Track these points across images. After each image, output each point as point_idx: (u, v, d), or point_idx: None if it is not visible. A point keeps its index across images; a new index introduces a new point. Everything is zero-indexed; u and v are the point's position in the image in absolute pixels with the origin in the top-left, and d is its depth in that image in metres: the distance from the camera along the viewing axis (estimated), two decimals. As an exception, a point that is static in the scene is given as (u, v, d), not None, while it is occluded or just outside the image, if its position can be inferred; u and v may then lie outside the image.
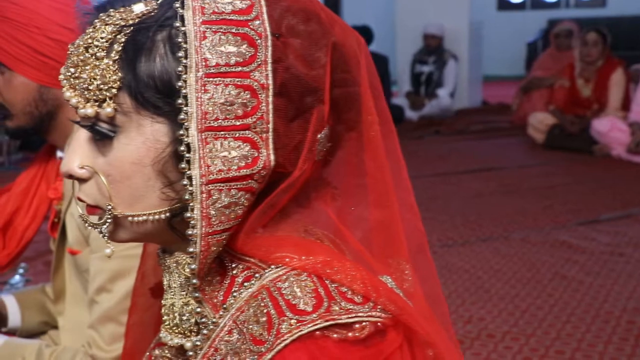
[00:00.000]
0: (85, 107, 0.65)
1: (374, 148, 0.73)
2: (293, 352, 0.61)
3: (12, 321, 1.56)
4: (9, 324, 1.55)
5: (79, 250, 1.38)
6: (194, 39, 0.63)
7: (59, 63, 1.33)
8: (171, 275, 0.73)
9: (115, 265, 1.29)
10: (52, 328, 1.62)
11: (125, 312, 1.28)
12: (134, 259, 1.29)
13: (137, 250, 1.28)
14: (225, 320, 0.66)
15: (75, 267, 1.43)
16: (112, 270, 1.29)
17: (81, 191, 0.70)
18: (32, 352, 1.35)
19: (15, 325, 1.56)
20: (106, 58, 0.65)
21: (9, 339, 1.40)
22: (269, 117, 0.65)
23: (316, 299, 0.63)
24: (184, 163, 0.63)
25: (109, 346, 1.30)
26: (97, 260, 1.31)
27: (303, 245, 0.68)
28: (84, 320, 1.47)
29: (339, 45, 0.69)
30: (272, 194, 0.68)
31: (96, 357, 1.30)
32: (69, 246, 1.40)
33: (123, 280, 1.29)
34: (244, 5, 0.65)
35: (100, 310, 1.30)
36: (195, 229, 0.64)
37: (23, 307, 1.58)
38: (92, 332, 1.31)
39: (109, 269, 1.30)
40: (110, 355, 1.30)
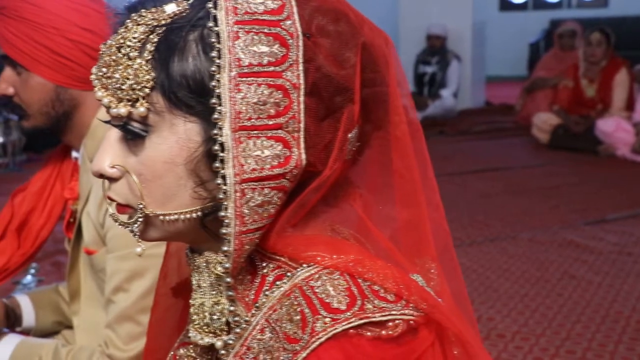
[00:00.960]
0: (117, 107, 0.66)
1: (402, 147, 0.74)
2: (328, 350, 0.61)
3: (27, 321, 1.56)
4: (23, 324, 1.55)
5: (95, 250, 1.38)
6: (227, 38, 0.63)
7: (76, 64, 1.34)
8: (201, 275, 0.73)
9: (132, 265, 1.30)
10: (65, 328, 1.63)
11: (142, 312, 1.29)
12: (151, 258, 1.30)
13: (154, 250, 1.28)
14: (258, 318, 0.67)
15: (91, 267, 1.43)
16: (129, 270, 1.30)
17: (112, 190, 0.71)
18: (48, 351, 1.35)
19: (30, 325, 1.56)
20: (139, 58, 0.65)
21: (25, 338, 1.40)
22: (301, 117, 0.65)
23: (349, 298, 0.63)
24: (217, 162, 0.64)
25: (126, 345, 1.30)
26: (114, 260, 1.31)
27: (333, 244, 0.68)
28: (98, 320, 1.48)
29: (368, 45, 0.69)
30: (303, 193, 0.68)
31: (113, 357, 1.30)
32: (85, 246, 1.41)
33: (140, 280, 1.30)
34: (276, 5, 0.65)
35: (117, 309, 1.30)
36: (229, 227, 0.64)
37: (37, 307, 1.59)
38: (109, 332, 1.31)
39: (126, 269, 1.30)
40: (128, 354, 1.30)
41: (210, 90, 0.64)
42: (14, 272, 1.53)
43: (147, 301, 1.30)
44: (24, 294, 1.60)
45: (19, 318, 1.55)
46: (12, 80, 1.39)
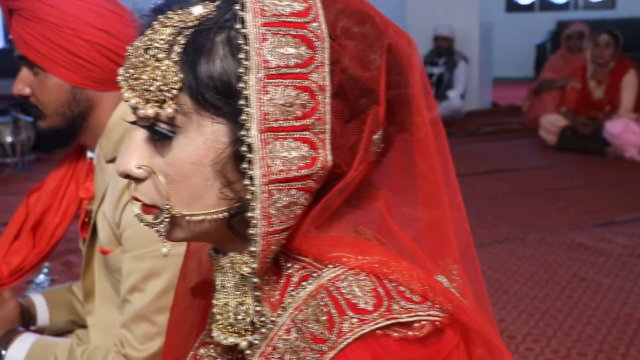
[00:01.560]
0: (145, 108, 0.66)
1: (425, 148, 0.74)
2: (355, 351, 0.61)
3: (41, 320, 1.57)
4: (37, 323, 1.56)
5: (111, 250, 1.39)
6: (254, 40, 0.63)
7: (92, 64, 1.34)
8: (225, 275, 0.73)
9: (148, 265, 1.30)
10: (79, 327, 1.63)
11: (158, 312, 1.30)
12: (168, 259, 1.30)
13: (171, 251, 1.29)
14: (284, 319, 0.67)
15: (106, 267, 1.44)
16: (145, 270, 1.30)
17: (137, 191, 0.71)
18: (63, 350, 1.36)
19: (44, 324, 1.57)
20: (166, 59, 0.65)
21: (40, 337, 1.41)
22: (327, 118, 0.66)
23: (376, 298, 0.63)
24: (245, 163, 0.64)
25: (142, 345, 1.31)
26: (129, 260, 1.32)
27: (358, 245, 0.69)
28: (112, 320, 1.48)
29: (393, 48, 0.70)
30: (329, 195, 0.68)
31: (129, 356, 1.30)
32: (100, 245, 1.41)
33: (156, 279, 1.30)
34: (302, 7, 0.65)
35: (133, 309, 1.31)
36: (256, 228, 0.65)
37: (51, 306, 1.59)
38: (125, 332, 1.32)
39: (142, 269, 1.30)
40: (143, 354, 1.30)
41: (237, 92, 0.64)
42: (29, 271, 1.54)
43: (163, 301, 1.30)
44: (38, 293, 1.61)
45: (34, 317, 1.56)
46: (28, 81, 1.39)
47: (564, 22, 9.27)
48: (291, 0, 0.65)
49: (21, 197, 4.33)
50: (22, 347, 1.38)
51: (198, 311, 0.94)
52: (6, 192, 4.52)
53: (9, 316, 1.47)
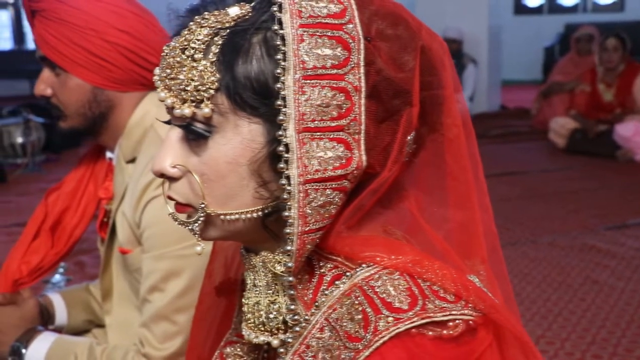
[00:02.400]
0: (182, 108, 0.67)
1: (457, 150, 0.74)
2: (391, 349, 0.62)
3: (59, 319, 1.58)
4: (55, 322, 1.57)
5: (130, 250, 1.39)
6: (292, 41, 0.64)
7: (113, 65, 1.35)
8: (256, 274, 0.74)
9: (168, 264, 1.30)
10: (96, 326, 1.64)
11: (177, 311, 1.30)
12: (187, 258, 1.31)
13: (191, 251, 1.30)
14: (317, 317, 0.67)
15: (125, 267, 1.44)
16: (165, 270, 1.31)
17: (172, 190, 0.72)
18: (83, 349, 1.37)
19: (62, 323, 1.58)
20: (204, 60, 0.66)
21: (60, 336, 1.42)
22: (362, 119, 0.66)
23: (410, 297, 0.64)
24: (282, 163, 0.64)
25: (162, 344, 1.31)
26: (149, 259, 1.32)
27: (390, 245, 0.69)
28: (130, 319, 1.49)
29: (427, 49, 0.70)
30: (362, 195, 0.69)
31: (149, 356, 1.31)
32: (119, 245, 1.42)
33: (176, 279, 1.31)
34: (338, 9, 0.66)
35: (152, 309, 1.31)
36: (292, 227, 0.65)
37: (69, 306, 1.60)
38: (145, 331, 1.32)
39: (162, 269, 1.31)
40: (163, 353, 1.31)
41: (273, 92, 0.65)
42: (47, 270, 1.55)
43: (182, 301, 1.31)
44: (56, 293, 1.62)
45: (52, 316, 1.57)
46: (50, 82, 1.40)
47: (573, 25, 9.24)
48: (327, 2, 0.66)
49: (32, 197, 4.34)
50: (42, 345, 1.39)
51: (221, 310, 0.95)
52: (17, 193, 4.54)
53: (29, 315, 1.48)
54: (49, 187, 4.56)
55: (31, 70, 10.41)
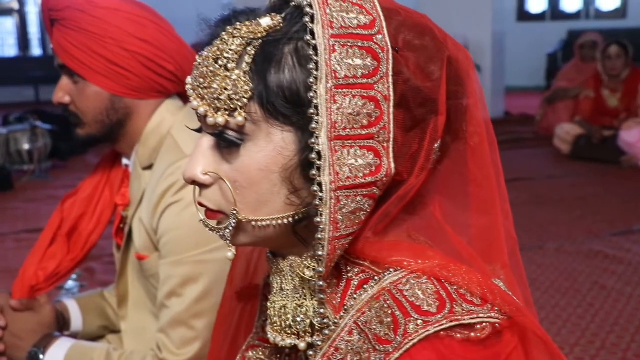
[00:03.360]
0: (215, 116, 0.68)
1: (480, 157, 0.76)
2: (420, 352, 0.63)
3: (74, 325, 1.59)
4: (71, 328, 1.58)
5: (147, 256, 1.40)
6: (324, 51, 0.65)
7: (132, 73, 1.37)
8: (284, 278, 0.75)
9: (186, 270, 1.32)
10: (110, 332, 1.65)
11: (195, 317, 1.31)
12: (205, 264, 1.32)
13: (209, 256, 1.32)
14: (346, 320, 0.69)
15: (140, 272, 1.45)
16: (183, 276, 1.32)
17: (203, 197, 0.73)
18: (100, 355, 1.38)
19: (77, 329, 1.59)
20: (237, 69, 0.67)
21: (77, 342, 1.43)
22: (390, 127, 0.68)
23: (439, 301, 0.65)
24: (314, 170, 0.66)
25: (179, 350, 1.32)
26: (167, 265, 1.34)
27: (416, 250, 0.71)
28: (145, 325, 1.50)
29: (453, 60, 0.72)
30: (390, 201, 0.70)
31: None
32: (136, 251, 1.43)
33: (194, 285, 1.32)
34: (367, 20, 0.68)
35: (170, 314, 1.32)
36: (324, 233, 0.67)
37: (84, 312, 1.61)
38: (162, 336, 1.33)
39: (180, 274, 1.32)
40: (180, 358, 1.32)
41: (305, 101, 0.66)
42: (64, 276, 1.56)
43: (200, 306, 1.32)
44: (71, 299, 1.63)
45: (67, 322, 1.58)
46: (68, 89, 1.42)
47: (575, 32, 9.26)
48: (357, 13, 0.68)
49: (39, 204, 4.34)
50: (59, 351, 1.40)
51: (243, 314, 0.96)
52: (24, 199, 4.56)
53: (46, 321, 1.49)
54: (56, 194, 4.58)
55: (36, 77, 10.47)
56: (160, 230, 1.34)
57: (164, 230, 1.34)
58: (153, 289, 1.43)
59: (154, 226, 1.36)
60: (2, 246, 3.51)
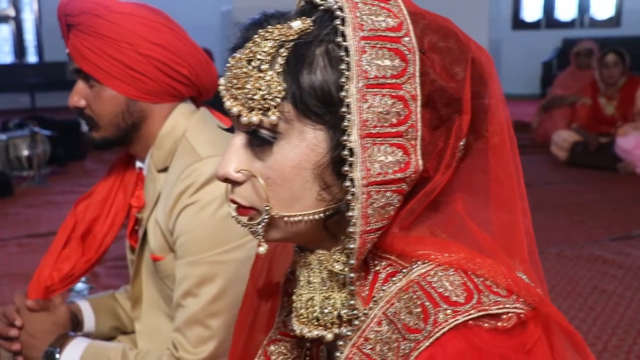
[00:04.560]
0: (249, 116, 0.71)
1: (502, 156, 0.79)
2: (450, 340, 0.66)
3: (87, 326, 1.61)
4: (84, 328, 1.60)
5: (162, 257, 1.42)
6: (354, 53, 0.68)
7: (147, 77, 1.39)
8: (311, 271, 0.78)
9: (202, 270, 1.34)
10: (121, 333, 1.67)
11: (211, 316, 1.34)
12: (221, 264, 1.35)
13: (225, 257, 1.34)
14: (375, 311, 0.72)
15: (155, 273, 1.47)
16: (199, 276, 1.34)
17: (235, 194, 0.76)
18: (117, 354, 1.40)
19: (90, 330, 1.60)
20: (270, 70, 0.70)
21: (92, 342, 1.45)
22: (418, 126, 0.71)
23: (466, 292, 0.68)
24: (346, 166, 0.69)
25: (195, 349, 1.34)
26: (183, 265, 1.36)
27: (442, 244, 0.73)
28: (159, 326, 1.52)
29: (476, 61, 0.75)
30: (417, 197, 0.73)
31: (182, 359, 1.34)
32: (151, 252, 1.45)
33: (210, 285, 1.34)
34: (395, 23, 0.71)
35: (186, 314, 1.34)
36: (355, 227, 0.70)
37: (97, 313, 1.63)
38: (178, 335, 1.35)
39: (196, 274, 1.34)
40: (196, 357, 1.34)
41: (336, 100, 0.69)
42: (78, 278, 1.58)
43: (216, 306, 1.34)
44: (84, 300, 1.65)
45: (80, 323, 1.59)
46: (84, 93, 1.44)
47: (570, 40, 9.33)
48: (386, 16, 0.71)
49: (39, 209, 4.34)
50: (75, 350, 1.42)
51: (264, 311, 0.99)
52: (24, 205, 4.57)
53: (61, 321, 1.51)
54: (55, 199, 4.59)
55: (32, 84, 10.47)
56: (177, 231, 1.37)
57: (181, 231, 1.36)
58: (168, 289, 1.45)
59: (170, 227, 1.38)
60: (5, 251, 3.52)
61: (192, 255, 1.35)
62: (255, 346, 0.99)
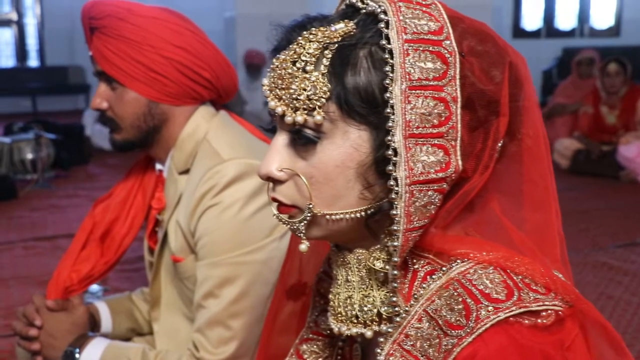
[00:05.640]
0: (294, 115, 0.72)
1: (537, 157, 0.80)
2: (492, 336, 0.67)
3: (104, 327, 1.62)
4: (101, 329, 1.60)
5: (182, 258, 1.43)
6: (398, 55, 0.70)
7: (168, 79, 1.41)
8: (349, 270, 0.79)
9: (223, 271, 1.35)
10: (137, 335, 1.68)
11: (232, 317, 1.35)
12: (242, 265, 1.36)
13: (246, 258, 1.35)
14: (416, 308, 0.73)
15: (174, 275, 1.48)
16: (221, 277, 1.35)
17: (277, 192, 0.77)
18: (137, 354, 1.41)
19: (107, 331, 1.61)
20: (315, 71, 0.72)
21: (112, 342, 1.46)
22: (458, 127, 0.73)
23: (507, 289, 0.69)
24: (390, 165, 0.71)
25: (216, 349, 1.35)
26: (205, 267, 1.37)
27: (480, 243, 0.75)
28: (177, 327, 1.53)
29: (514, 65, 0.77)
30: (456, 196, 0.75)
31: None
32: (172, 254, 1.46)
33: (231, 286, 1.35)
34: (436, 26, 0.73)
35: (207, 314, 1.36)
36: (398, 225, 0.71)
37: (114, 313, 1.64)
38: (199, 336, 1.36)
39: (218, 275, 1.35)
40: (217, 358, 1.35)
41: (380, 101, 0.71)
42: (97, 279, 1.59)
43: (237, 306, 1.35)
44: (101, 301, 1.66)
45: (98, 323, 1.60)
46: (106, 95, 1.45)
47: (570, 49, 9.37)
48: (427, 20, 0.73)
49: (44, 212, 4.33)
50: (95, 350, 1.43)
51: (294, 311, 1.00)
52: (29, 208, 4.57)
53: (80, 321, 1.52)
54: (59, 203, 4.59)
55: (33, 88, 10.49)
56: (199, 233, 1.38)
57: (202, 232, 1.37)
58: (187, 290, 1.46)
59: (191, 229, 1.40)
60: (12, 254, 3.52)
61: (213, 256, 1.36)
62: (282, 347, 1.00)
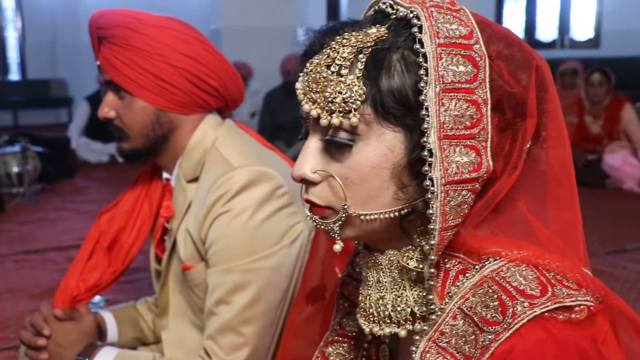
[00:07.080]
0: (329, 118, 0.74)
1: (562, 157, 0.83)
2: (529, 331, 0.69)
3: (110, 336, 1.61)
4: (107, 339, 1.60)
5: (192, 266, 1.44)
6: (432, 59, 0.72)
7: (177, 88, 1.42)
8: (381, 271, 0.80)
9: (235, 278, 1.36)
10: (142, 344, 1.68)
11: (244, 323, 1.35)
12: (254, 272, 1.37)
13: (257, 264, 1.36)
14: (450, 306, 0.74)
15: (183, 282, 1.48)
16: (232, 283, 1.36)
17: (310, 194, 0.78)
18: (146, 362, 1.41)
19: (113, 340, 1.61)
20: (350, 75, 0.74)
21: (121, 350, 1.45)
22: (489, 128, 0.75)
23: (540, 286, 0.71)
24: (426, 166, 0.72)
25: (228, 355, 1.35)
26: (216, 274, 1.37)
27: (510, 242, 0.77)
28: (185, 335, 1.53)
29: (539, 68, 0.79)
30: (486, 196, 0.77)
31: (215, 367, 1.35)
32: (181, 262, 1.46)
33: (242, 292, 1.36)
34: (466, 31, 0.75)
35: (219, 321, 1.36)
36: (434, 224, 0.73)
37: (119, 323, 1.63)
38: (211, 342, 1.37)
39: (229, 282, 1.36)
40: (229, 364, 1.35)
41: (413, 103, 0.73)
42: (105, 288, 1.59)
43: (249, 313, 1.36)
44: (107, 311, 1.65)
45: (104, 333, 1.60)
46: (114, 104, 1.46)
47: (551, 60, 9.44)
48: (458, 25, 0.75)
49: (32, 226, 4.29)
50: (105, 359, 1.42)
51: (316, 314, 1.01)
52: (17, 221, 4.52)
53: (88, 330, 1.52)
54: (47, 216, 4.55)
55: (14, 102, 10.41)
56: (210, 240, 1.38)
57: (214, 239, 1.38)
58: (196, 298, 1.46)
59: (202, 236, 1.40)
60: (3, 267, 3.48)
61: (224, 263, 1.36)
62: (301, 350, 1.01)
